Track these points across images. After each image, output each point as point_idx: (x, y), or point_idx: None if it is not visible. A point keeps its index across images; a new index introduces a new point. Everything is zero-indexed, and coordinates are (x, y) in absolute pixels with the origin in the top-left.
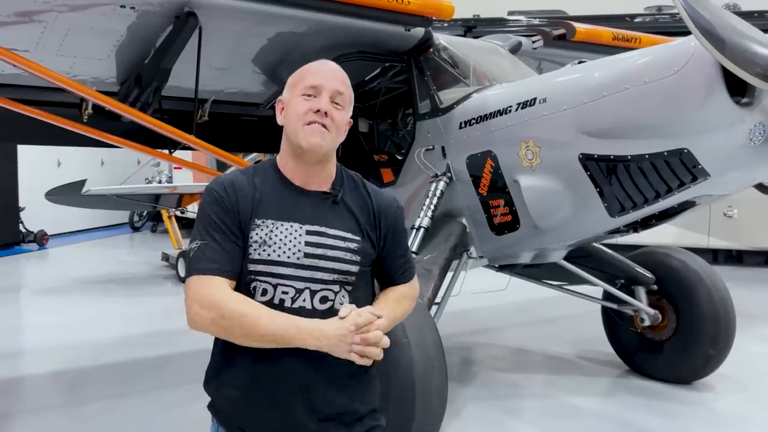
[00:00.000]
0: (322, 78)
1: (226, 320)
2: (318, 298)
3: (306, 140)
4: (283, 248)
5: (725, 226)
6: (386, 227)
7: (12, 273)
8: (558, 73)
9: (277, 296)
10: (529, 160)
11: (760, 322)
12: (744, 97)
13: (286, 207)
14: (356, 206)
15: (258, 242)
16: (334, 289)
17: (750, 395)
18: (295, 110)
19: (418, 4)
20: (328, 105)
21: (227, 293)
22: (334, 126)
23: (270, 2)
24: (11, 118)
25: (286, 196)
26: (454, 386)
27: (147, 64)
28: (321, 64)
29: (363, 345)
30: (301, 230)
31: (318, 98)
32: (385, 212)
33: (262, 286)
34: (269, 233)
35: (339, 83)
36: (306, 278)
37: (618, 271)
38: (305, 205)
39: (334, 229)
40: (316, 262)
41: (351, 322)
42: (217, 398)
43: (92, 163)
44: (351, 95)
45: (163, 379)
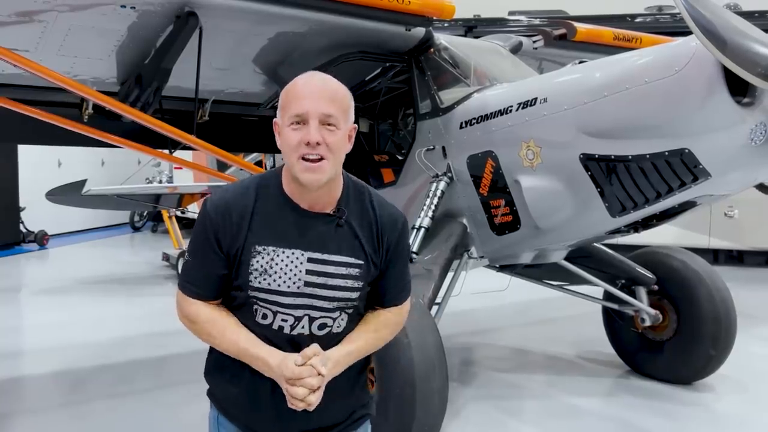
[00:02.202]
0: (307, 104)
1: (197, 333)
2: (316, 325)
3: (302, 176)
4: (283, 278)
5: (726, 226)
6: (388, 244)
7: (12, 273)
8: (559, 73)
9: (276, 323)
10: (529, 160)
11: (760, 322)
12: (745, 97)
13: (288, 232)
14: (360, 226)
15: (258, 270)
16: (333, 315)
17: (750, 396)
18: (287, 142)
19: (418, 4)
20: (318, 135)
21: (203, 314)
22: (330, 151)
23: (270, 2)
24: (12, 118)
25: (290, 220)
26: (455, 386)
27: (147, 64)
28: (305, 83)
29: (287, 395)
30: (302, 257)
31: (306, 127)
32: (389, 230)
33: (263, 311)
34: (270, 261)
35: (326, 104)
36: (305, 306)
37: (619, 272)
38: (309, 229)
39: (337, 255)
40: (316, 291)
41: (282, 371)
42: (217, 390)
43: (93, 163)
44: (345, 106)
45: (164, 379)
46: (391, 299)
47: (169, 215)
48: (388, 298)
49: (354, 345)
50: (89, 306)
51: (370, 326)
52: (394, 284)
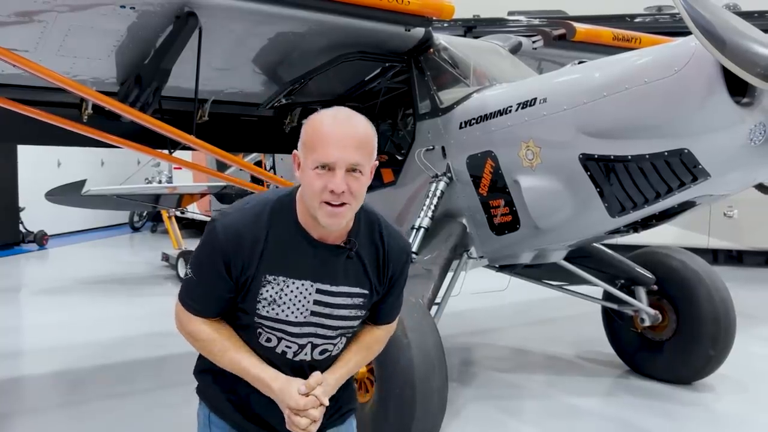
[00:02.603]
0: (334, 153)
1: (199, 349)
2: (318, 351)
3: (324, 220)
4: (291, 308)
5: (725, 226)
6: (392, 272)
7: (12, 273)
8: (558, 73)
9: (280, 348)
10: (529, 161)
11: (760, 322)
12: (744, 97)
13: (299, 263)
14: (368, 257)
15: (267, 300)
16: (334, 342)
17: (750, 396)
18: (310, 186)
19: (418, 4)
20: (343, 184)
21: (204, 332)
22: (353, 197)
23: (270, 2)
24: (11, 118)
25: (301, 250)
26: (455, 387)
27: (147, 65)
28: (333, 128)
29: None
30: (311, 288)
31: (332, 175)
32: (395, 260)
33: (267, 335)
34: (279, 291)
35: (353, 152)
36: (310, 334)
37: (618, 272)
38: (319, 260)
39: (344, 286)
40: (321, 320)
41: (286, 401)
42: (209, 389)
43: (92, 164)
44: (371, 150)
45: (163, 379)
46: (385, 318)
47: (168, 215)
48: (382, 318)
49: (351, 364)
50: (89, 306)
51: (363, 343)
52: (390, 306)
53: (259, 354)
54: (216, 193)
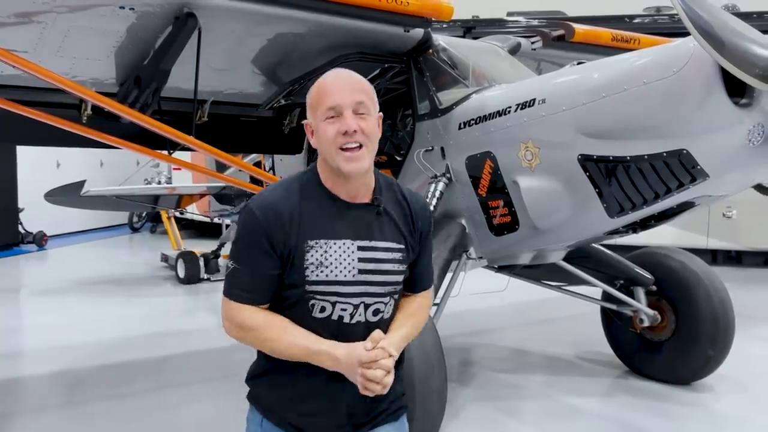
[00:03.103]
0: (339, 96)
1: (248, 340)
2: (371, 311)
3: (345, 167)
4: (339, 267)
5: (724, 226)
6: (421, 229)
7: (11, 274)
8: (557, 74)
9: (335, 313)
10: (528, 161)
11: (759, 322)
12: (743, 98)
13: (337, 225)
14: (397, 213)
15: (314, 263)
16: (385, 300)
17: (749, 396)
18: (324, 136)
19: (417, 5)
20: (354, 122)
21: (258, 319)
22: (367, 138)
23: (269, 3)
24: (10, 119)
25: (336, 213)
26: (454, 387)
27: (146, 65)
28: (333, 78)
29: (363, 380)
30: (353, 246)
31: (342, 118)
32: (420, 216)
33: (321, 305)
34: (324, 254)
35: (357, 93)
36: (361, 293)
37: (617, 272)
38: (353, 219)
39: (382, 241)
40: (369, 277)
41: (355, 358)
42: (264, 393)
43: (91, 164)
44: (372, 93)
45: (163, 380)
46: (422, 284)
47: (168, 216)
48: (419, 283)
49: (404, 329)
50: (88, 307)
51: (408, 311)
52: (425, 270)
53: (314, 330)
54: (215, 193)
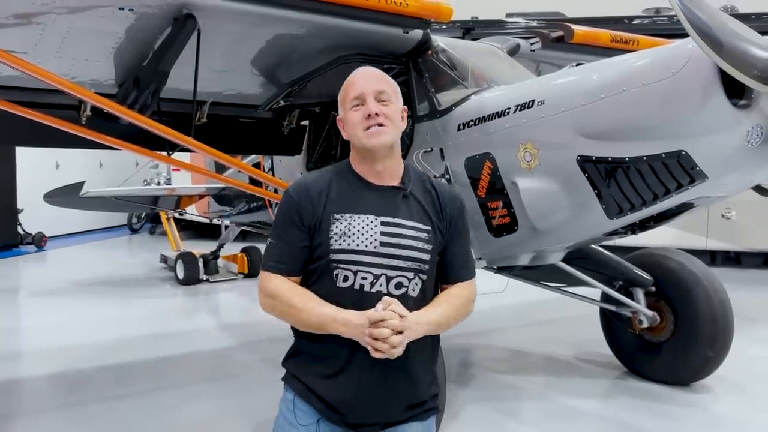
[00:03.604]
0: (362, 86)
1: (278, 309)
2: (393, 283)
3: (369, 142)
4: (361, 238)
5: (723, 227)
6: (450, 215)
7: (10, 275)
8: (556, 75)
9: (357, 282)
10: (527, 162)
11: (758, 323)
12: (741, 99)
13: (362, 202)
14: (424, 198)
15: (338, 234)
16: (408, 276)
17: (748, 397)
18: (352, 123)
19: (416, 6)
20: (376, 106)
21: (285, 287)
22: (389, 120)
23: (268, 4)
24: (10, 120)
25: (362, 192)
26: (453, 388)
27: (145, 66)
28: (357, 74)
29: (371, 339)
30: (376, 221)
31: (365, 105)
32: (449, 203)
33: (344, 273)
34: (348, 225)
35: (378, 83)
36: (383, 265)
37: (616, 273)
38: (379, 198)
39: (406, 219)
40: (391, 250)
41: (365, 318)
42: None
43: (91, 165)
44: (394, 86)
45: (162, 381)
46: (455, 275)
47: (167, 217)
48: (452, 272)
49: (433, 312)
50: (87, 308)
51: (448, 295)
52: (459, 259)
53: (338, 300)
54: (214, 194)
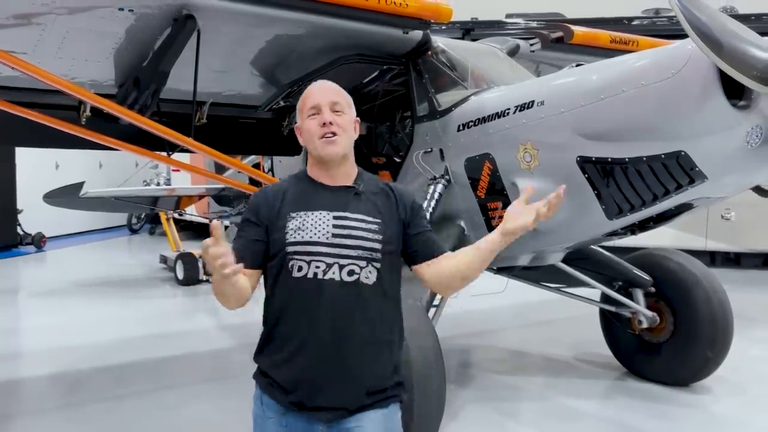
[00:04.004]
0: (318, 97)
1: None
2: (346, 271)
3: (324, 151)
4: (314, 231)
5: (723, 228)
6: (407, 211)
7: (10, 275)
8: (556, 76)
9: (311, 271)
10: (527, 163)
11: (757, 324)
12: (741, 100)
13: (316, 200)
14: (376, 196)
15: (293, 229)
16: (360, 264)
17: (748, 398)
18: (308, 130)
19: (416, 7)
20: (330, 115)
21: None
22: (342, 129)
23: (268, 5)
24: (9, 120)
25: (317, 192)
26: (453, 388)
27: (145, 67)
28: (314, 86)
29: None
30: (329, 216)
31: (321, 114)
32: (404, 200)
33: (298, 264)
34: (303, 221)
35: (333, 95)
36: (335, 254)
37: (616, 274)
38: (332, 197)
39: (357, 213)
40: (343, 240)
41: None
42: (262, 370)
43: (90, 166)
44: (348, 99)
45: (162, 381)
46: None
47: (166, 217)
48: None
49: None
50: (87, 308)
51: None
52: (430, 242)
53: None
54: (214, 195)
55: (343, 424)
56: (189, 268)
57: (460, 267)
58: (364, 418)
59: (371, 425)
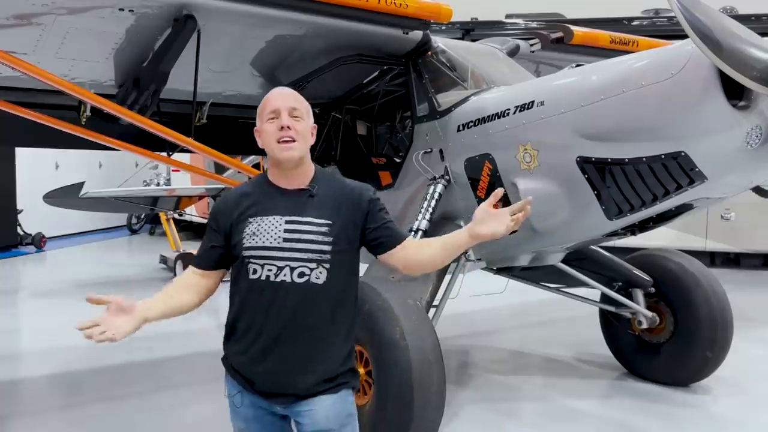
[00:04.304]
0: (278, 103)
1: None
2: (297, 273)
3: (281, 154)
4: (267, 236)
5: (723, 228)
6: (364, 207)
7: (10, 275)
8: (556, 77)
9: (263, 274)
10: (527, 163)
11: (757, 324)
12: (741, 100)
13: (271, 205)
14: (329, 196)
15: (249, 234)
16: (310, 266)
17: (748, 398)
18: (266, 133)
19: (416, 7)
20: (289, 120)
21: (178, 279)
22: (299, 134)
23: (268, 5)
24: (9, 120)
25: (274, 197)
26: (452, 389)
27: (145, 67)
28: (275, 92)
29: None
30: (281, 220)
31: (279, 118)
32: (359, 194)
33: (253, 267)
34: (257, 227)
35: (292, 101)
36: (286, 258)
37: (615, 274)
38: (287, 200)
39: (308, 217)
40: (293, 244)
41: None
42: (227, 353)
43: (90, 166)
44: (306, 106)
45: (161, 382)
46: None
47: (166, 218)
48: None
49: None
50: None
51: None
52: (392, 232)
53: (250, 289)
54: (214, 195)
55: (295, 407)
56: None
57: (423, 260)
58: (316, 403)
59: (322, 409)
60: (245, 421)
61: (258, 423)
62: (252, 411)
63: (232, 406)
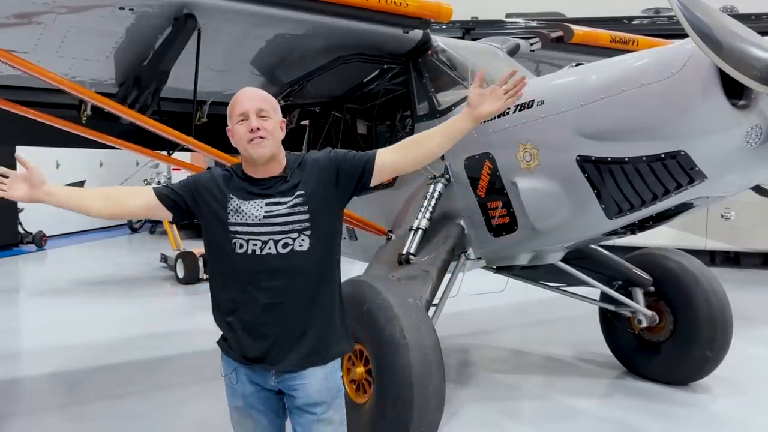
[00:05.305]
0: (245, 105)
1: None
2: (281, 245)
3: (254, 153)
4: (249, 214)
5: (722, 227)
6: (328, 165)
7: (11, 274)
8: (556, 76)
9: (249, 248)
10: (526, 162)
11: (757, 323)
12: (741, 99)
13: (250, 189)
14: (300, 174)
15: (233, 211)
16: (292, 236)
17: (747, 397)
18: (238, 135)
19: (416, 6)
20: (257, 122)
21: (125, 188)
22: (268, 132)
23: (268, 4)
24: (10, 119)
25: (251, 184)
26: (452, 387)
27: (146, 66)
28: (241, 94)
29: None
30: (262, 202)
31: (248, 120)
32: (322, 160)
33: (239, 242)
34: (240, 206)
35: (259, 102)
36: (268, 232)
37: (615, 273)
38: (264, 186)
39: (284, 197)
40: (273, 220)
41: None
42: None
43: (91, 165)
44: (273, 104)
45: (161, 380)
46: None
47: None
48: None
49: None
50: (87, 307)
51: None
52: (361, 160)
53: (238, 262)
54: None
55: (287, 380)
56: (189, 267)
57: (428, 152)
58: (307, 377)
59: (315, 383)
60: (243, 398)
61: (254, 398)
62: (248, 387)
63: (228, 385)
